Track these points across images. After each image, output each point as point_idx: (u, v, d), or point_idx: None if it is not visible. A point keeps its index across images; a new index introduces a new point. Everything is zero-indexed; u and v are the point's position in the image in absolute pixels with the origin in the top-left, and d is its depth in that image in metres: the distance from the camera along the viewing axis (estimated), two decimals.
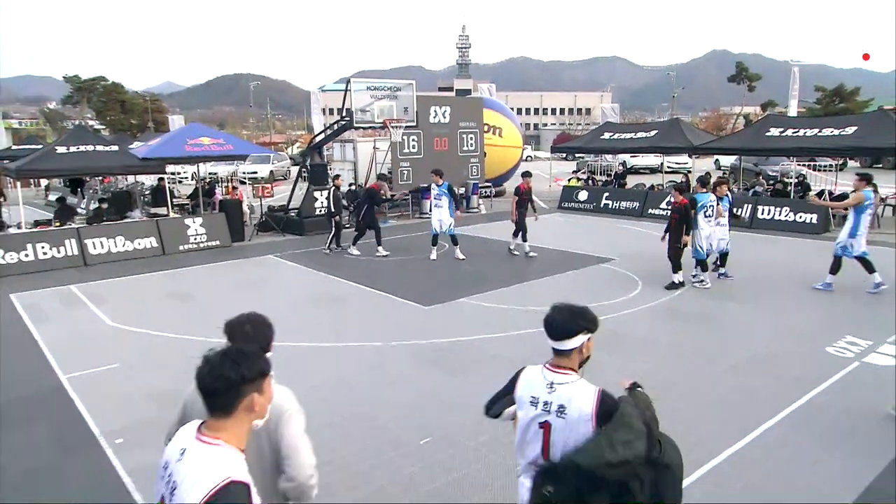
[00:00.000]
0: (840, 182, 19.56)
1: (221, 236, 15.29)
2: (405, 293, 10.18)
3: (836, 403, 5.93)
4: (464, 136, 21.36)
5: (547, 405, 2.75)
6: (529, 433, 2.85)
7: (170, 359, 7.51)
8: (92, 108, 58.49)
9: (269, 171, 32.31)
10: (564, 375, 2.76)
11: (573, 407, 2.66)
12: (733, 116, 67.35)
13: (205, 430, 2.01)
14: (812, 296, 9.85)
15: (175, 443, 2.05)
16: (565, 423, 2.68)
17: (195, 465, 1.91)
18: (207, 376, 2.02)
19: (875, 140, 15.53)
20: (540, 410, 2.78)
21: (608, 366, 7.00)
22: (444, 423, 5.61)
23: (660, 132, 20.79)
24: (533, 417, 2.82)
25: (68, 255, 13.21)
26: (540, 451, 2.80)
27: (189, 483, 1.86)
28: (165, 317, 9.31)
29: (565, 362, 2.79)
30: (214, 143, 16.22)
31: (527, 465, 2.93)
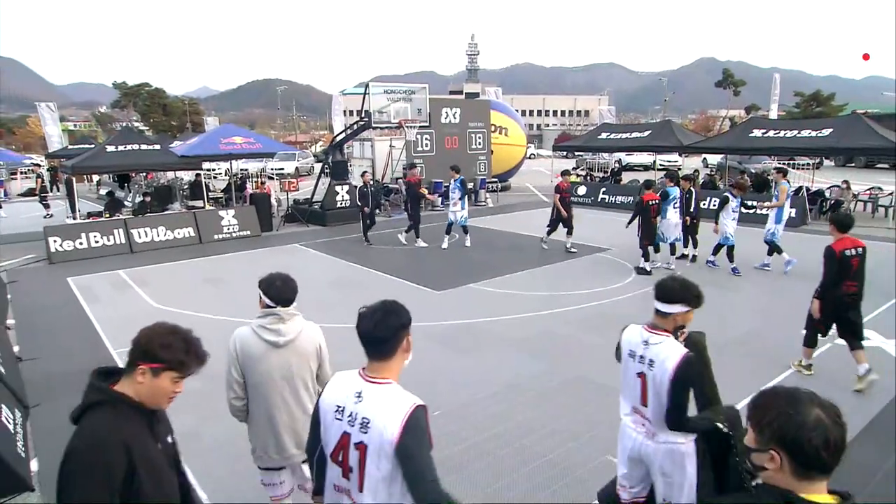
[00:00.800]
0: (816, 179, 19.33)
1: (252, 226, 15.36)
2: (419, 279, 10.20)
3: (809, 381, 5.91)
4: (472, 136, 21.28)
5: (642, 359, 2.97)
6: (630, 382, 3.09)
7: (206, 336, 7.53)
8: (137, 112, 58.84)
9: (294, 168, 32.31)
10: (658, 336, 2.95)
11: (660, 363, 2.87)
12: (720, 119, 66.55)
13: (371, 374, 2.16)
14: (789, 281, 9.78)
15: (342, 390, 2.18)
16: (654, 374, 2.91)
17: (382, 401, 2.09)
18: (374, 328, 2.13)
19: (848, 141, 15.39)
20: (637, 363, 3.01)
21: (603, 348, 7.00)
22: (453, 398, 5.64)
23: (653, 132, 20.61)
24: (632, 369, 3.04)
25: (117, 243, 13.34)
26: (640, 398, 3.00)
27: (384, 414, 2.04)
28: (202, 299, 9.40)
29: (662, 324, 2.96)
30: (245, 142, 16.30)
31: (631, 409, 3.14)
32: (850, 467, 4.38)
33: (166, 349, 2.00)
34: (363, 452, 2.08)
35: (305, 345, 3.19)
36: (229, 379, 3.21)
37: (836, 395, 5.02)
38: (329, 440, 2.19)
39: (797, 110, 48.00)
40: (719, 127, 59.76)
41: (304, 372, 3.18)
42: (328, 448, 2.20)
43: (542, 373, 6.26)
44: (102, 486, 1.79)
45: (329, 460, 2.21)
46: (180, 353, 2.02)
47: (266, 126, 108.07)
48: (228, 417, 5.37)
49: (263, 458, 3.26)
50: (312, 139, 78.18)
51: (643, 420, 3.05)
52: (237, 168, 23.07)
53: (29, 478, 4.21)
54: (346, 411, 2.13)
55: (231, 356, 3.21)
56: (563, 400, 5.61)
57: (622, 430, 3.21)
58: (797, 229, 14.77)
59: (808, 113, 44.44)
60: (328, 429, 2.19)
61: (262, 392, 3.14)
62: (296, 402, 3.15)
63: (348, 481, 2.14)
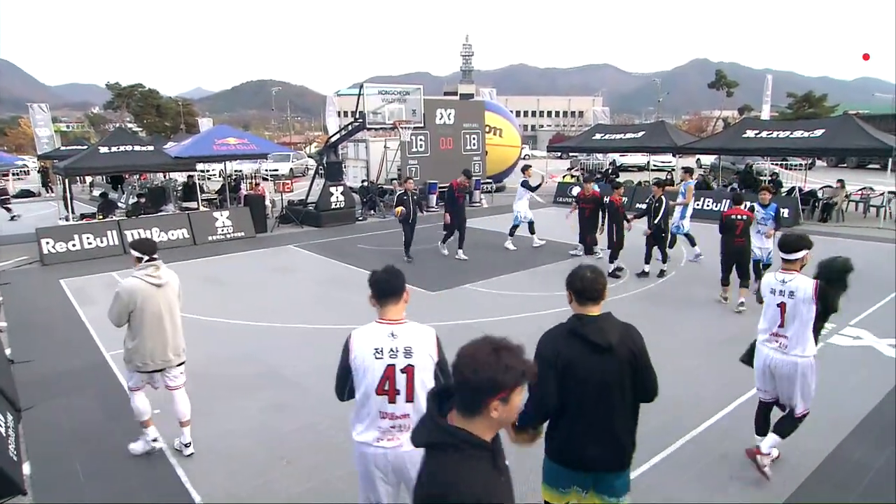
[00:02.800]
0: (809, 179, 19.44)
1: (246, 228, 15.31)
2: (413, 280, 10.05)
3: None
4: (467, 137, 21.29)
5: (782, 293, 4.19)
6: (770, 312, 4.30)
7: (201, 337, 7.55)
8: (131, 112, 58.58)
9: (289, 169, 32.17)
10: (791, 274, 4.19)
11: (799, 292, 4.10)
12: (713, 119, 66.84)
13: (391, 319, 2.91)
14: None
15: (374, 338, 2.85)
16: (794, 301, 4.12)
17: (414, 333, 2.89)
18: (392, 282, 2.95)
19: (840, 141, 15.52)
20: (778, 296, 4.22)
21: None
22: None
23: (646, 133, 20.70)
24: (774, 302, 4.25)
25: (110, 244, 13.25)
26: (779, 322, 4.23)
27: (421, 341, 2.87)
28: (197, 300, 9.33)
29: (791, 267, 4.22)
30: (240, 143, 16.25)
31: (769, 333, 4.32)
32: (844, 465, 4.41)
33: (509, 372, 1.73)
34: (411, 373, 2.82)
35: (174, 285, 4.80)
36: (121, 311, 4.58)
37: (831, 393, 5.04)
38: (373, 379, 2.81)
39: (789, 111, 48.24)
40: (713, 127, 60.04)
41: (175, 302, 4.80)
42: (372, 386, 2.81)
43: None
44: None
45: (373, 395, 2.83)
46: (519, 365, 1.76)
47: (260, 127, 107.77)
48: (219, 418, 5.39)
49: (148, 364, 4.63)
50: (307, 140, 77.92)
51: (779, 339, 4.25)
52: (231, 169, 23.02)
53: (21, 481, 4.18)
54: (385, 350, 2.81)
55: (124, 298, 4.55)
56: None
57: (758, 350, 4.43)
58: (790, 229, 14.82)
59: (801, 114, 44.65)
60: (368, 370, 2.81)
61: (151, 318, 4.56)
62: (171, 323, 4.70)
63: (394, 402, 2.83)
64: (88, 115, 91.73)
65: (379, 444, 2.87)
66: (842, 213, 16.39)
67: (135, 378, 4.68)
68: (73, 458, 4.75)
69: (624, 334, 2.74)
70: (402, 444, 2.82)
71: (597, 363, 2.67)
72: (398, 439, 2.85)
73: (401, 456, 2.84)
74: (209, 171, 29.28)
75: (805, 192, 17.27)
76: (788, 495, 4.10)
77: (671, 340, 7.04)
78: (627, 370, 2.70)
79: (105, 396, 5.91)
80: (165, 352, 4.65)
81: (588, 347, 2.68)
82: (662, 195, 10.05)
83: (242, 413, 5.49)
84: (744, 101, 60.75)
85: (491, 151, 22.45)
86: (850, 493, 4.13)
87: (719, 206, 16.89)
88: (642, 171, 30.18)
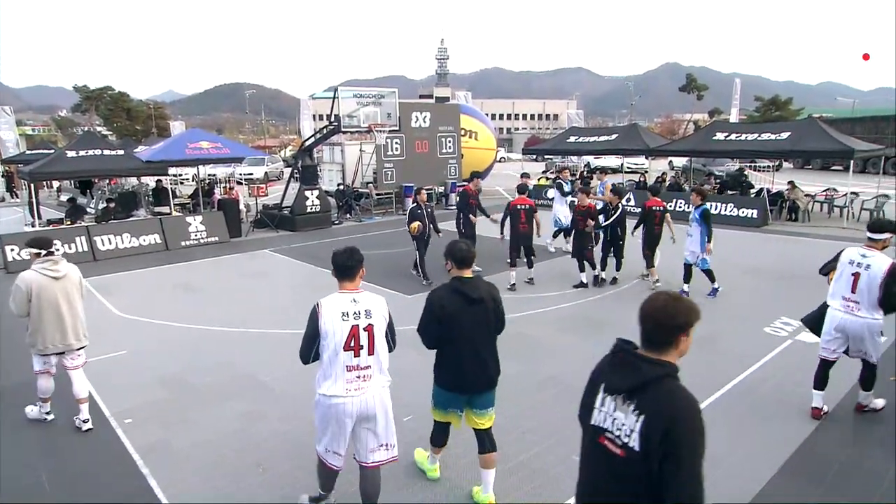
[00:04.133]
0: (776, 181, 19.94)
1: (220, 233, 15.11)
2: (389, 283, 10.15)
3: (769, 378, 6.08)
4: (443, 140, 21.31)
5: (860, 265, 4.98)
6: (843, 279, 5.08)
7: (174, 345, 7.44)
8: (100, 116, 57.24)
9: (263, 173, 31.85)
10: (872, 251, 5.00)
11: (875, 267, 4.88)
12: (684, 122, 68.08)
13: (349, 287, 3.60)
14: (750, 281, 10.04)
15: (339, 305, 3.50)
16: (868, 274, 4.90)
17: (370, 299, 3.61)
18: (347, 259, 3.60)
19: (806, 144, 15.94)
20: (854, 267, 5.01)
21: (576, 348, 7.09)
22: (425, 402, 5.61)
23: (620, 136, 20.98)
24: (848, 271, 5.04)
25: (79, 251, 12.95)
26: (850, 289, 5.00)
27: (377, 305, 3.62)
28: (169, 307, 9.20)
29: (874, 245, 5.03)
30: (213, 147, 16.03)
31: (841, 298, 5.08)
32: (855, 474, 4.44)
33: (692, 313, 2.21)
34: (371, 331, 3.51)
35: (73, 277, 5.27)
36: (19, 301, 5.02)
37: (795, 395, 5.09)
38: (340, 338, 3.44)
39: (757, 114, 49.40)
40: (684, 130, 61.14)
41: (74, 293, 5.22)
42: (340, 343, 3.44)
43: (515, 374, 6.28)
44: None
45: (341, 351, 3.44)
46: (695, 308, 2.25)
47: (234, 130, 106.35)
48: (195, 426, 5.31)
49: (49, 348, 5.13)
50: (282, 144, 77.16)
51: (850, 304, 5.00)
52: (205, 173, 22.69)
53: None
54: (350, 313, 3.48)
55: (22, 289, 4.98)
56: (535, 401, 5.66)
57: (830, 314, 5.15)
58: (759, 230, 15.20)
59: (768, 117, 45.78)
60: (336, 331, 3.43)
61: (48, 307, 5.04)
62: (70, 311, 5.17)
63: (358, 356, 3.48)
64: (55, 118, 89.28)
65: (349, 395, 3.49)
66: (808, 214, 16.84)
67: (39, 361, 5.24)
68: (40, 471, 4.62)
69: (488, 289, 3.93)
70: (367, 391, 3.54)
71: (471, 311, 3.79)
72: (363, 388, 3.53)
73: (366, 401, 3.54)
74: (182, 176, 28.81)
75: (773, 193, 17.71)
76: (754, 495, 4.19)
77: None
78: (491, 315, 3.86)
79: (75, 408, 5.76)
80: (66, 337, 5.15)
81: (465, 300, 3.78)
82: (620, 203, 10.11)
83: (218, 420, 5.40)
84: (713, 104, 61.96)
85: (467, 154, 22.51)
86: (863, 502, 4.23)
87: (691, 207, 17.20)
88: (616, 173, 30.58)
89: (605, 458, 2.25)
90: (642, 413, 2.12)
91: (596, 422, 2.32)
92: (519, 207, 9.82)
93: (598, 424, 2.31)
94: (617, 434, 2.20)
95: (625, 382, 2.21)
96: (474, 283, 3.89)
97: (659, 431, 2.05)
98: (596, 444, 2.31)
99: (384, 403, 3.61)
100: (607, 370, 2.37)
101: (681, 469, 2.02)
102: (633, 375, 2.19)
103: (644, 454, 2.09)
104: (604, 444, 2.27)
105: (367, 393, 3.53)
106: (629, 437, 2.14)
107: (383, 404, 3.61)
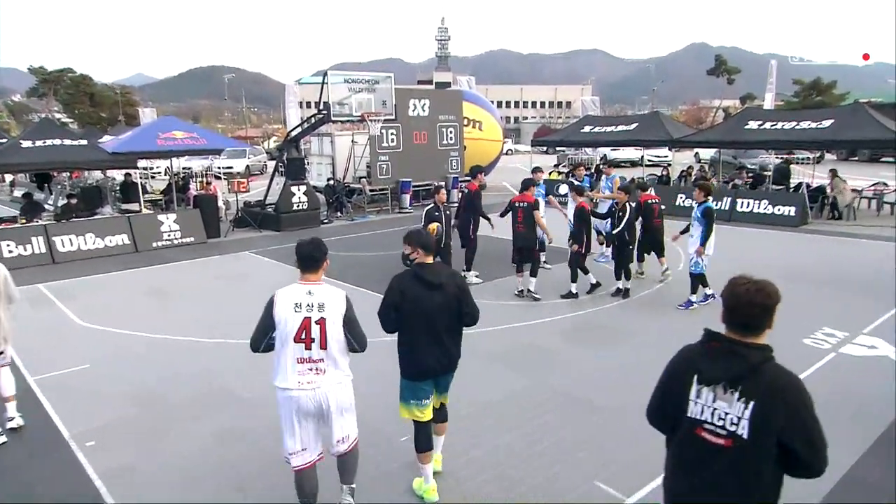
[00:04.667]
0: (817, 175, 19.91)
1: (196, 233, 15.11)
2: (381, 288, 10.09)
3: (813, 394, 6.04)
4: (443, 130, 21.34)
5: None
6: None
7: (143, 358, 7.42)
8: (59, 101, 57.47)
9: (244, 166, 31.90)
10: None
11: None
12: (712, 109, 68.16)
13: (309, 280, 3.90)
14: (789, 288, 9.99)
15: (294, 295, 3.84)
16: None
17: (327, 292, 3.90)
18: (312, 251, 3.92)
19: (851, 133, 15.87)
20: None
21: (588, 360, 7.06)
22: None
23: (640, 125, 21.01)
24: None
25: (35, 252, 12.96)
26: None
27: (333, 298, 3.88)
28: (138, 315, 9.18)
29: None
30: (188, 137, 16.01)
31: None
32: (856, 487, 4.48)
33: (778, 294, 2.48)
34: (323, 325, 3.80)
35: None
36: None
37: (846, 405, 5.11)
38: (291, 329, 3.76)
39: (795, 100, 49.42)
40: (712, 118, 61.23)
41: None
42: (290, 334, 3.76)
43: (522, 389, 6.28)
44: None
45: (291, 343, 3.77)
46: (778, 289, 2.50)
47: (212, 119, 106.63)
48: (168, 444, 5.29)
49: None
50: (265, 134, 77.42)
51: None
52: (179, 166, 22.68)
53: None
54: (303, 305, 3.79)
55: None
56: (545, 419, 5.63)
57: None
58: (797, 229, 15.17)
59: (808, 102, 45.78)
60: (288, 322, 3.76)
61: None
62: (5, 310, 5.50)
63: (309, 349, 3.79)
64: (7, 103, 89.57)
65: (300, 388, 3.81)
66: (853, 211, 16.78)
67: None
68: None
69: (450, 276, 4.37)
70: (320, 386, 3.84)
71: (431, 296, 4.17)
72: (315, 382, 3.84)
73: (318, 395, 3.85)
74: (153, 169, 28.84)
75: (813, 188, 17.66)
76: None
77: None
78: (454, 301, 4.22)
79: (30, 431, 5.73)
80: None
81: (425, 285, 4.18)
82: (628, 202, 9.59)
83: (191, 441, 5.38)
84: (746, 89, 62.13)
85: (470, 146, 22.53)
86: None
87: (719, 204, 17.20)
88: (635, 166, 30.58)
89: (705, 449, 2.43)
90: (751, 399, 2.33)
91: (693, 414, 2.48)
92: (516, 205, 9.63)
93: (696, 417, 2.47)
94: (720, 424, 2.39)
95: (728, 371, 2.39)
96: (435, 268, 4.31)
97: (779, 414, 2.29)
98: (693, 436, 2.48)
99: (339, 400, 3.93)
100: (700, 360, 2.53)
101: (813, 442, 2.31)
102: (738, 363, 2.38)
103: (753, 440, 2.31)
104: (702, 435, 2.44)
105: (321, 389, 3.85)
106: (736, 425, 2.34)
107: (337, 401, 3.92)
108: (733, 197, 17.24)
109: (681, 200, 18.01)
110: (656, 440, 5.14)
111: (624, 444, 5.10)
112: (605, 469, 4.77)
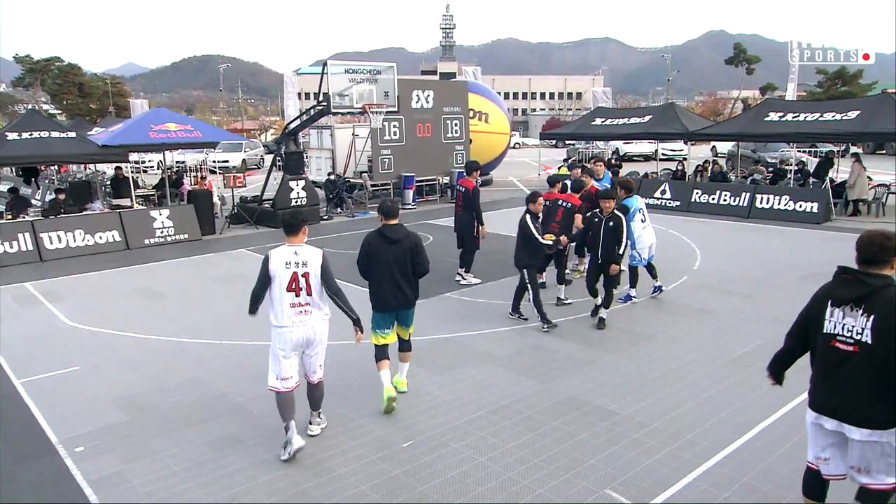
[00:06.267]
0: (842, 169, 19.81)
1: (190, 229, 15.15)
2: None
3: None
4: (448, 122, 21.32)
5: None
6: None
7: (134, 360, 7.44)
8: (46, 92, 57.65)
9: (241, 160, 31.97)
10: None
11: None
12: (731, 100, 67.93)
13: (294, 243, 5.15)
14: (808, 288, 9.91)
15: (284, 255, 5.09)
16: None
17: (308, 251, 5.15)
18: (292, 219, 5.20)
19: (879, 125, 15.73)
20: None
21: (598, 364, 7.05)
22: (428, 425, 5.61)
23: (654, 117, 20.93)
24: None
25: (22, 250, 13.02)
26: None
27: (312, 256, 5.14)
28: (129, 315, 9.21)
29: None
30: (181, 130, 16.02)
31: None
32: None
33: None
34: (307, 277, 5.08)
35: None
36: None
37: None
38: (283, 281, 5.03)
39: (819, 90, 49.15)
40: (730, 110, 61.00)
41: None
42: (284, 285, 5.03)
43: (531, 393, 6.27)
44: None
45: (284, 291, 5.04)
46: None
47: (207, 111, 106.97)
48: (160, 456, 5.31)
49: None
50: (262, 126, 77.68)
51: None
52: (172, 160, 22.78)
53: None
54: (292, 262, 5.06)
55: None
56: (554, 425, 5.62)
57: None
58: (819, 226, 15.11)
59: (832, 93, 45.52)
60: (280, 275, 5.03)
61: None
62: None
63: (299, 296, 5.08)
64: None
65: (294, 325, 5.09)
66: (882, 207, 16.67)
67: None
68: None
69: (407, 235, 5.93)
70: (308, 322, 5.15)
71: (390, 248, 5.83)
72: (305, 321, 5.13)
73: (306, 331, 5.15)
74: (145, 163, 28.94)
75: (837, 183, 17.57)
76: None
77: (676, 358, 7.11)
78: (408, 254, 5.87)
79: (16, 436, 5.76)
80: None
81: (386, 240, 5.84)
82: (615, 209, 8.35)
83: (184, 448, 5.39)
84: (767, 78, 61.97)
85: (476, 139, 22.52)
86: None
87: (738, 200, 17.15)
88: (649, 160, 30.51)
89: (838, 357, 3.45)
90: (872, 313, 3.31)
91: (827, 330, 3.50)
92: (546, 203, 9.19)
93: (830, 332, 3.49)
94: (848, 335, 3.40)
95: (853, 293, 3.40)
96: (395, 228, 5.88)
97: (893, 323, 3.24)
98: (829, 347, 3.49)
99: (323, 333, 5.29)
100: (833, 288, 3.56)
101: None
102: (861, 287, 3.39)
103: (876, 344, 3.29)
104: (836, 346, 3.45)
105: (308, 325, 5.16)
106: (861, 334, 3.34)
107: (322, 333, 5.28)
108: (752, 192, 17.17)
109: (696, 196, 17.99)
110: (668, 448, 5.15)
111: (636, 451, 5.09)
112: (617, 477, 4.75)
